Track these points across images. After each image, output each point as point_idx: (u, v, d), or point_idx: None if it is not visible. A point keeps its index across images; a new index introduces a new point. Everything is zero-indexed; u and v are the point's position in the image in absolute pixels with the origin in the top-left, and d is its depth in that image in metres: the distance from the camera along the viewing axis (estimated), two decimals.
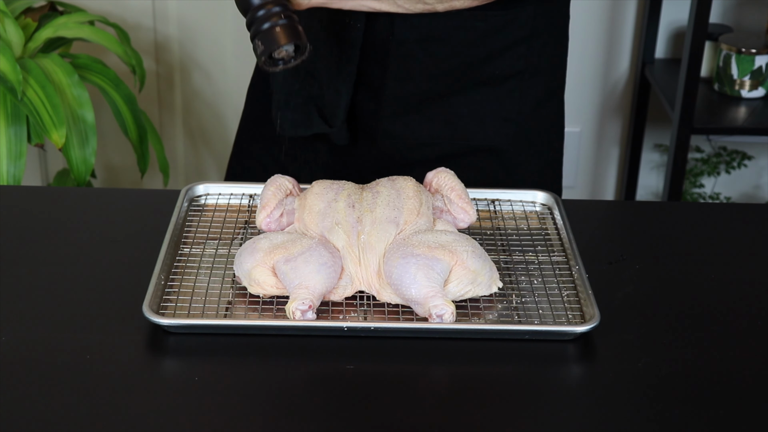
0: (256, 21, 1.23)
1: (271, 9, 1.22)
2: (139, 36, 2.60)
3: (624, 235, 1.40)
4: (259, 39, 1.22)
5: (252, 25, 1.24)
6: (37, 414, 1.01)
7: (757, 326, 1.17)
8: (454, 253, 1.15)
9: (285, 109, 1.46)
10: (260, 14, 1.23)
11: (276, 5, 1.23)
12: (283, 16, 1.22)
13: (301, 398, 1.04)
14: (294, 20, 1.23)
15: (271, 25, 1.22)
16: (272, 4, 1.23)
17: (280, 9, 1.23)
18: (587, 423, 1.02)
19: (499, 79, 1.43)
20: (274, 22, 1.22)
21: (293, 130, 1.46)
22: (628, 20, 2.65)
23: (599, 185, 2.84)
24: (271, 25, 1.22)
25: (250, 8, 1.24)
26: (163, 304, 1.15)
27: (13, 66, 2.00)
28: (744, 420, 1.03)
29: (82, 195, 1.53)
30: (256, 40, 1.23)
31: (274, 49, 1.22)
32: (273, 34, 1.22)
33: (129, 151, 2.62)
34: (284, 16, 1.22)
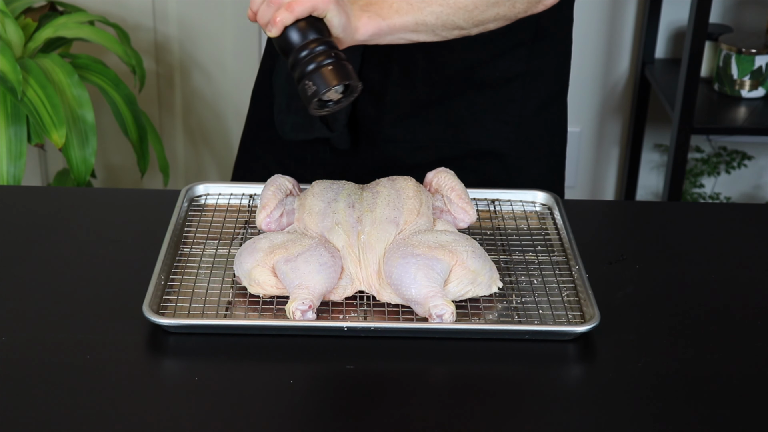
0: (299, 63, 1.15)
1: (315, 48, 1.15)
2: (139, 36, 2.60)
3: (624, 235, 1.40)
4: (309, 80, 1.14)
5: (297, 66, 1.16)
6: (37, 414, 1.01)
7: (757, 326, 1.17)
8: (454, 253, 1.15)
9: (286, 113, 1.46)
10: (305, 54, 1.15)
11: (320, 44, 1.16)
12: (332, 55, 1.15)
13: (301, 398, 1.04)
14: (342, 58, 1.16)
15: (320, 64, 1.14)
16: (316, 43, 1.16)
17: (325, 48, 1.16)
18: (587, 423, 1.02)
19: (501, 82, 1.43)
20: (320, 62, 1.14)
21: (294, 134, 1.46)
22: (628, 20, 2.65)
23: (599, 185, 2.84)
24: (320, 65, 1.14)
25: (293, 48, 1.16)
26: (163, 304, 1.15)
27: (13, 66, 2.00)
28: (744, 420, 1.03)
29: (82, 195, 1.53)
30: (305, 82, 1.15)
31: (323, 92, 1.15)
32: (321, 76, 1.14)
33: (129, 151, 2.62)
34: (330, 55, 1.15)
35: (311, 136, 1.45)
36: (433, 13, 1.25)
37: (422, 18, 1.24)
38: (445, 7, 1.25)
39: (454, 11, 1.25)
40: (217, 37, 2.62)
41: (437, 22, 1.26)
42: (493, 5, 1.27)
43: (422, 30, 1.26)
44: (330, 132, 1.44)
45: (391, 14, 1.23)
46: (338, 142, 1.45)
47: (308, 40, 1.16)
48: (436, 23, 1.26)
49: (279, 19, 1.15)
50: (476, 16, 1.27)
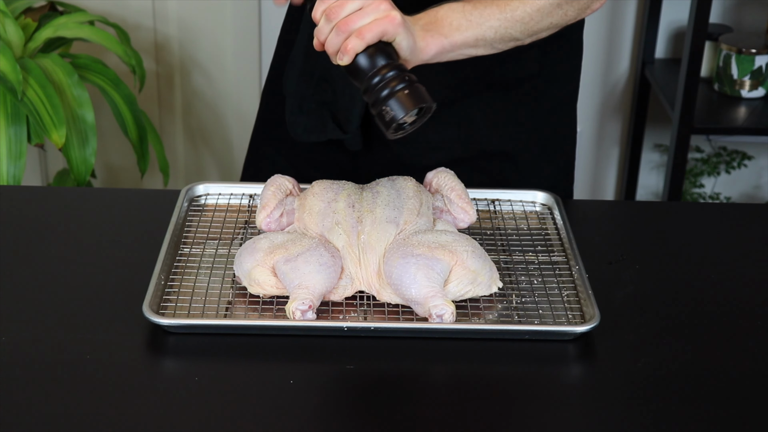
0: (375, 89, 1.15)
1: (387, 74, 1.15)
2: (139, 36, 2.60)
3: (624, 235, 1.40)
4: (386, 106, 1.14)
5: (370, 92, 1.16)
6: (37, 414, 1.01)
7: (756, 326, 1.17)
8: (454, 253, 1.15)
9: (299, 114, 1.46)
10: (378, 80, 1.15)
11: (392, 69, 1.15)
12: (405, 79, 1.15)
13: (301, 398, 1.04)
14: (414, 81, 1.16)
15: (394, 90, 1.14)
16: (388, 68, 1.15)
17: (396, 72, 1.15)
18: (587, 423, 1.02)
19: (514, 83, 1.43)
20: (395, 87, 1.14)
21: (307, 136, 1.46)
22: (628, 20, 2.65)
23: (599, 185, 2.84)
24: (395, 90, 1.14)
25: (364, 75, 1.16)
26: (163, 304, 1.15)
27: (13, 66, 2.00)
28: (744, 419, 1.03)
29: (82, 195, 1.53)
30: (382, 108, 1.15)
31: (403, 116, 1.15)
32: (401, 101, 1.14)
33: (129, 151, 2.62)
34: (406, 78, 1.15)
35: (324, 138, 1.45)
36: (492, 27, 1.26)
37: (482, 33, 1.26)
38: (502, 21, 1.26)
39: (511, 24, 1.27)
40: (217, 37, 2.62)
41: (495, 36, 1.27)
42: (547, 15, 1.29)
43: (481, 45, 1.27)
44: (343, 133, 1.44)
45: (452, 32, 1.24)
46: (350, 143, 1.45)
47: (380, 65, 1.15)
48: (494, 37, 1.27)
49: (350, 47, 1.14)
50: (531, 27, 1.29)
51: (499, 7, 1.26)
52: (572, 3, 1.29)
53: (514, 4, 1.26)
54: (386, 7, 1.15)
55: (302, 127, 1.46)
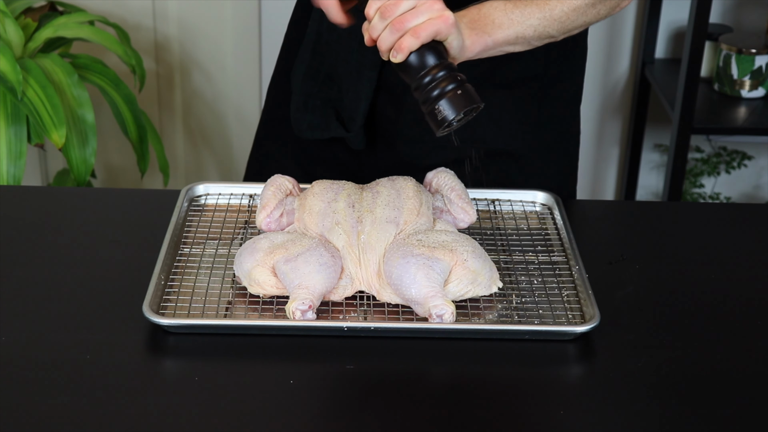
0: (425, 87, 1.16)
1: (438, 74, 1.16)
2: (139, 36, 2.60)
3: (624, 235, 1.40)
4: (438, 106, 1.15)
5: (421, 90, 1.17)
6: (37, 414, 1.01)
7: (756, 326, 1.17)
8: (454, 253, 1.15)
9: (303, 111, 1.46)
10: (429, 80, 1.16)
11: (442, 69, 1.16)
12: (457, 79, 1.16)
13: (301, 398, 1.04)
14: (464, 81, 1.17)
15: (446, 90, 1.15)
16: (439, 68, 1.16)
17: (447, 72, 1.16)
18: (587, 423, 1.02)
19: (519, 83, 1.43)
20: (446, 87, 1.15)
21: (310, 133, 1.46)
22: (628, 20, 2.65)
23: (599, 185, 2.84)
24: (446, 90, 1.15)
25: (416, 73, 1.17)
26: (163, 304, 1.15)
27: (13, 66, 2.00)
28: (744, 420, 1.03)
29: (82, 195, 1.53)
30: (435, 108, 1.16)
31: (455, 117, 1.16)
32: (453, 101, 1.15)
33: (129, 151, 2.62)
34: (457, 78, 1.16)
35: (327, 135, 1.45)
36: (531, 26, 1.27)
37: (522, 31, 1.27)
38: (542, 20, 1.28)
39: (550, 23, 1.28)
40: (217, 37, 2.62)
41: (534, 35, 1.29)
42: (582, 14, 1.30)
43: (520, 42, 1.29)
44: (346, 132, 1.44)
45: (494, 30, 1.25)
46: (354, 141, 1.45)
47: (431, 65, 1.16)
48: (533, 35, 1.29)
49: (405, 45, 1.15)
50: (567, 26, 1.31)
51: (538, 6, 1.27)
52: (605, 2, 1.31)
53: (553, 3, 1.28)
54: (440, 7, 1.16)
55: (306, 124, 1.46)
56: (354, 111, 1.42)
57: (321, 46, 1.44)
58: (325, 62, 1.44)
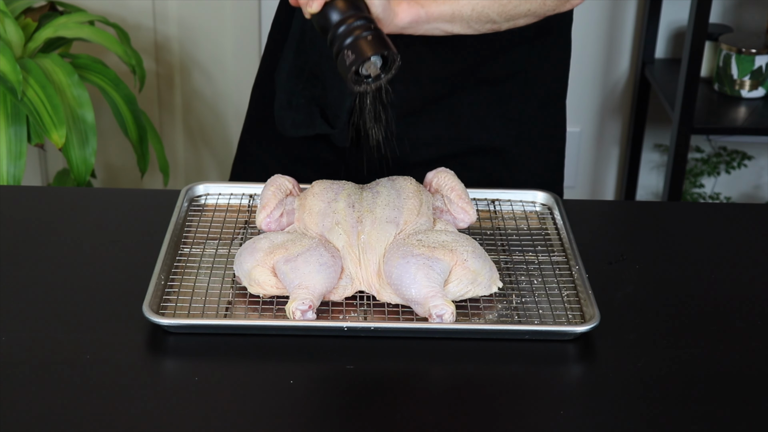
0: (337, 37, 1.16)
1: (354, 23, 1.15)
2: (139, 36, 2.60)
3: (624, 235, 1.40)
4: (349, 49, 1.14)
5: (336, 40, 1.16)
6: (37, 414, 1.01)
7: (757, 326, 1.17)
8: (454, 253, 1.15)
9: (287, 110, 1.46)
10: (343, 28, 1.15)
11: (358, 19, 1.16)
12: (372, 28, 1.16)
13: (301, 398, 1.04)
14: (380, 30, 1.17)
15: (355, 38, 1.15)
16: (354, 18, 1.16)
17: (364, 22, 1.16)
18: (587, 423, 1.02)
19: (502, 79, 1.43)
20: (357, 35, 1.15)
21: (295, 131, 1.46)
22: (628, 20, 2.65)
23: (599, 185, 2.84)
24: (355, 38, 1.14)
25: (332, 25, 1.16)
26: (163, 304, 1.15)
27: (13, 66, 2.00)
28: (744, 420, 1.03)
29: (82, 195, 1.53)
30: (345, 52, 1.15)
31: (360, 62, 1.15)
32: (358, 47, 1.14)
33: (129, 151, 2.62)
34: (371, 27, 1.16)
35: (312, 133, 1.46)
36: (469, 4, 1.27)
37: (458, 9, 1.27)
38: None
39: (489, 4, 1.28)
40: (217, 37, 2.62)
41: (472, 14, 1.29)
42: (525, 1, 1.30)
43: (457, 21, 1.29)
44: (331, 129, 1.44)
45: (429, 3, 1.26)
46: (338, 139, 1.45)
47: (348, 15, 1.16)
48: (471, 15, 1.29)
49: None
50: (509, 11, 1.30)
51: None
52: None
53: None
54: None
55: (291, 122, 1.46)
56: (338, 108, 1.42)
57: (305, 44, 1.44)
58: (309, 60, 1.44)
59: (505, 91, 1.44)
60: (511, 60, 1.42)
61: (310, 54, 1.44)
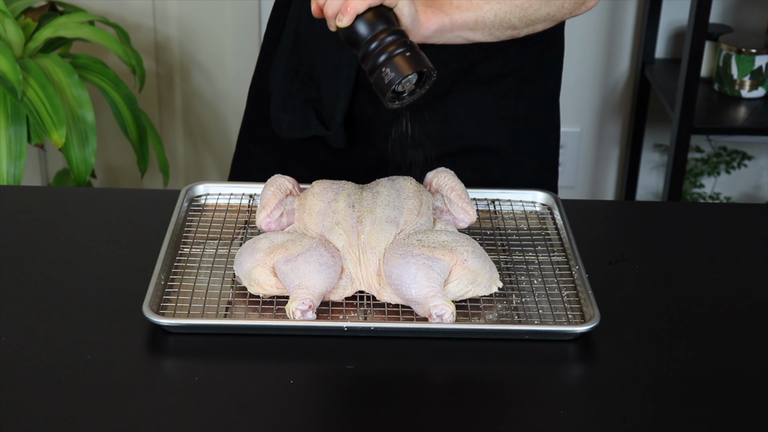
0: (373, 52, 1.12)
1: (386, 38, 1.12)
2: (139, 36, 2.60)
3: (624, 235, 1.40)
4: (385, 68, 1.11)
5: (368, 57, 1.13)
6: (37, 414, 1.01)
7: (757, 326, 1.17)
8: (454, 253, 1.15)
9: (283, 111, 1.47)
10: (376, 44, 1.12)
11: (391, 33, 1.12)
12: (406, 43, 1.12)
13: (301, 398, 1.04)
14: (415, 45, 1.13)
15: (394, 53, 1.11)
16: (387, 32, 1.12)
17: (397, 36, 1.12)
18: (587, 423, 1.02)
19: (495, 79, 1.44)
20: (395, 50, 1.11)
21: (291, 132, 1.47)
22: (628, 20, 2.65)
23: (599, 185, 2.84)
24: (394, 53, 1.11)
25: (363, 40, 1.12)
26: (163, 304, 1.15)
27: (13, 66, 2.00)
28: (744, 420, 1.03)
29: (82, 195, 1.53)
30: (384, 70, 1.11)
31: (401, 80, 1.11)
32: (399, 63, 1.11)
33: (129, 151, 2.62)
34: (407, 42, 1.12)
35: (308, 134, 1.46)
36: (492, 10, 1.28)
37: (482, 15, 1.28)
38: (503, 4, 1.28)
39: (511, 9, 1.29)
40: (217, 37, 2.62)
41: (495, 21, 1.29)
42: (545, 5, 1.31)
43: (480, 28, 1.29)
44: (326, 130, 1.44)
45: (453, 10, 1.26)
46: (334, 140, 1.45)
47: (379, 29, 1.13)
48: (493, 21, 1.29)
49: (351, 7, 1.13)
50: (530, 15, 1.31)
51: None
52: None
53: None
54: None
55: (286, 124, 1.47)
56: (333, 109, 1.42)
57: (299, 45, 1.44)
58: (303, 62, 1.44)
59: (498, 90, 1.44)
60: (504, 60, 1.43)
61: (305, 55, 1.44)
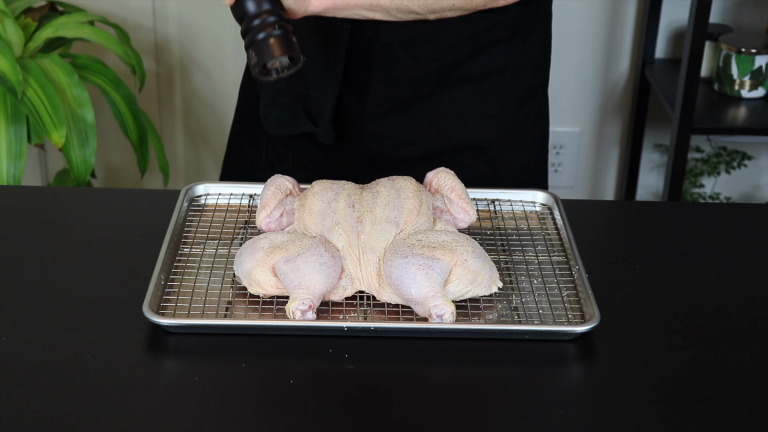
0: (250, 31, 1.23)
1: (266, 19, 1.22)
2: (139, 36, 2.60)
3: (624, 235, 1.40)
4: (253, 50, 1.22)
5: (246, 34, 1.24)
6: (37, 414, 1.01)
7: (757, 326, 1.17)
8: (454, 253, 1.15)
9: (272, 109, 1.47)
10: (255, 24, 1.23)
11: (271, 15, 1.23)
12: (277, 27, 1.22)
13: (301, 398, 1.04)
14: (288, 31, 1.23)
15: (266, 35, 1.22)
16: (267, 13, 1.23)
17: (275, 19, 1.22)
18: (587, 423, 1.02)
19: (481, 76, 1.44)
20: (269, 32, 1.22)
21: (280, 129, 1.48)
22: (628, 20, 2.65)
23: (599, 185, 2.84)
24: (266, 36, 1.22)
25: (245, 17, 1.24)
26: (163, 304, 1.15)
27: (13, 66, 2.00)
28: (744, 420, 1.03)
29: (82, 195, 1.53)
30: (250, 51, 1.23)
31: (267, 61, 1.22)
32: (267, 46, 1.22)
33: (129, 151, 2.62)
34: (279, 26, 1.22)
35: (296, 131, 1.47)
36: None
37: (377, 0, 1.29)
38: None
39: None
40: (217, 37, 2.62)
41: (392, 5, 1.30)
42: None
43: (377, 10, 1.31)
44: (315, 127, 1.45)
45: None
46: (323, 137, 1.46)
47: (260, 10, 1.22)
48: (390, 6, 1.30)
49: None
50: (431, 5, 1.32)
51: None
52: None
53: None
54: None
55: (275, 121, 1.47)
56: (321, 106, 1.43)
57: None
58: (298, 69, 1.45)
59: (485, 88, 1.45)
60: (489, 58, 1.43)
61: None
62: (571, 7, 2.60)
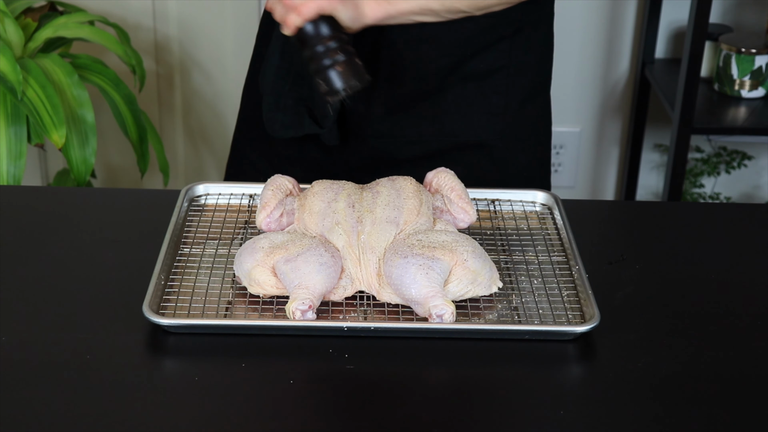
0: (315, 58, 1.28)
1: (329, 44, 1.26)
2: (139, 36, 2.60)
3: (624, 235, 1.40)
4: (320, 79, 1.27)
5: (311, 62, 1.28)
6: (37, 414, 1.01)
7: (757, 326, 1.17)
8: (454, 253, 1.15)
9: (275, 111, 1.47)
10: (319, 51, 1.27)
11: (332, 40, 1.27)
12: (340, 53, 1.26)
13: (301, 398, 1.04)
14: (351, 53, 1.27)
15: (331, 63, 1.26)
16: (329, 39, 1.26)
17: (336, 45, 1.26)
18: (587, 423, 1.02)
19: (485, 75, 1.44)
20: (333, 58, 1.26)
21: (284, 132, 1.47)
22: (628, 20, 2.65)
23: (599, 185, 2.84)
24: (331, 64, 1.26)
25: (307, 44, 1.28)
26: (163, 304, 1.15)
27: (13, 66, 2.00)
28: (744, 420, 1.03)
29: (82, 195, 1.53)
30: (316, 78, 1.28)
31: (336, 90, 1.27)
32: (334, 75, 1.26)
33: (129, 151, 2.62)
34: (342, 51, 1.26)
35: (301, 134, 1.46)
36: None
37: (426, 4, 1.32)
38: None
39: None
40: (217, 37, 2.62)
41: (441, 8, 1.33)
42: None
43: (428, 14, 1.34)
44: (319, 129, 1.45)
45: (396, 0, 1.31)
46: (327, 138, 1.46)
47: (321, 35, 1.27)
48: (440, 9, 1.33)
49: (290, 22, 1.27)
50: (478, 3, 1.34)
51: None
52: None
53: None
54: None
55: (279, 124, 1.47)
56: (325, 108, 1.43)
57: (289, 46, 1.45)
58: (293, 62, 1.45)
59: (488, 86, 1.45)
60: (493, 56, 1.43)
61: (295, 56, 1.45)
62: (572, 7, 2.60)
